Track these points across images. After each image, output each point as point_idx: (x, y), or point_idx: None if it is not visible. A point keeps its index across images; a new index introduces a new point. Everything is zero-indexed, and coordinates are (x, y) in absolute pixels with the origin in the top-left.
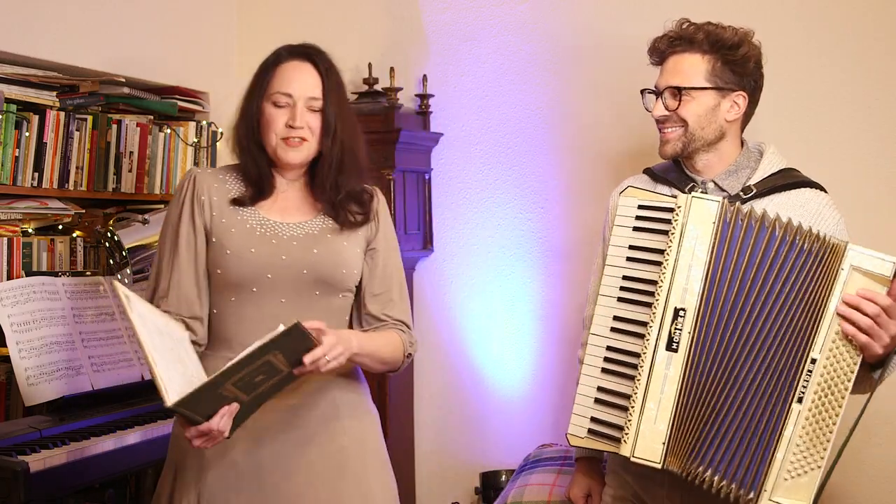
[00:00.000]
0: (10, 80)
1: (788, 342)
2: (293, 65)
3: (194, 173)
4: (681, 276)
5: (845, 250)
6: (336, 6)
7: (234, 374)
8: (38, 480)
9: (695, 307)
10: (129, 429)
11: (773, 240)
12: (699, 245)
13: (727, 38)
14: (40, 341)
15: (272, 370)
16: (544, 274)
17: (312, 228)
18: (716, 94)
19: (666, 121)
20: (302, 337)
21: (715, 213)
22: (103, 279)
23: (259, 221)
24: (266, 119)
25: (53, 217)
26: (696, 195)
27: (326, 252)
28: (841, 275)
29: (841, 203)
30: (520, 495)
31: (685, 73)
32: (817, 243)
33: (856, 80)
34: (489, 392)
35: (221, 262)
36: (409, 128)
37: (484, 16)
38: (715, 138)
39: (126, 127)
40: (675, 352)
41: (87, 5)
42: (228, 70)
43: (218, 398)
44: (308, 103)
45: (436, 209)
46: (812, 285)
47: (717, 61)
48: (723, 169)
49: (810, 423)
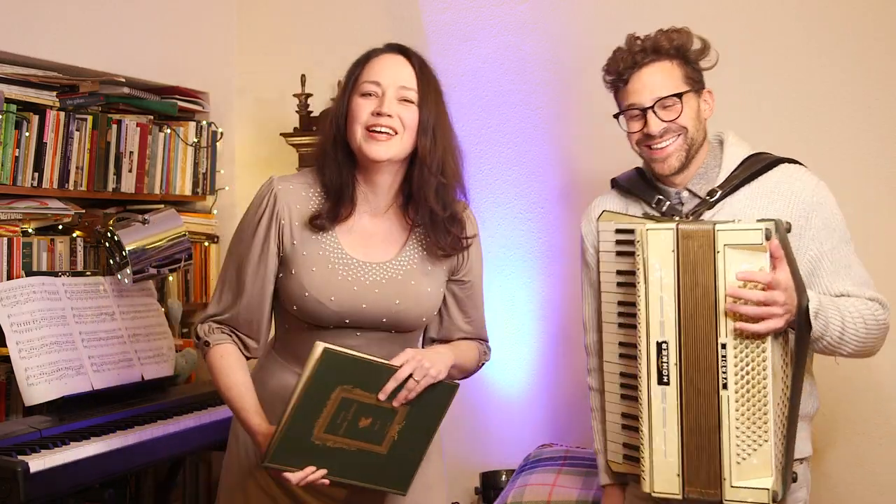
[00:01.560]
0: (10, 80)
1: (707, 337)
2: (384, 56)
3: (276, 187)
4: (655, 309)
5: (714, 232)
6: (336, 6)
7: (310, 420)
8: (38, 480)
9: (675, 338)
10: (129, 429)
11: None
12: (665, 276)
13: (685, 41)
14: (40, 341)
15: (366, 408)
16: (544, 274)
17: (396, 272)
18: (695, 95)
19: (665, 133)
20: (350, 361)
21: (672, 241)
22: (103, 279)
23: (340, 259)
24: (352, 112)
25: (53, 217)
26: (651, 227)
27: (408, 303)
28: (718, 258)
29: (841, 203)
30: (520, 495)
31: (668, 81)
32: (703, 236)
33: (856, 80)
34: (489, 392)
35: (298, 302)
36: None
37: (484, 16)
38: (702, 140)
39: (126, 127)
40: (667, 385)
41: (87, 5)
42: (228, 70)
43: (313, 449)
44: (399, 93)
45: None
46: (705, 276)
47: (685, 64)
48: (694, 173)
49: (742, 405)
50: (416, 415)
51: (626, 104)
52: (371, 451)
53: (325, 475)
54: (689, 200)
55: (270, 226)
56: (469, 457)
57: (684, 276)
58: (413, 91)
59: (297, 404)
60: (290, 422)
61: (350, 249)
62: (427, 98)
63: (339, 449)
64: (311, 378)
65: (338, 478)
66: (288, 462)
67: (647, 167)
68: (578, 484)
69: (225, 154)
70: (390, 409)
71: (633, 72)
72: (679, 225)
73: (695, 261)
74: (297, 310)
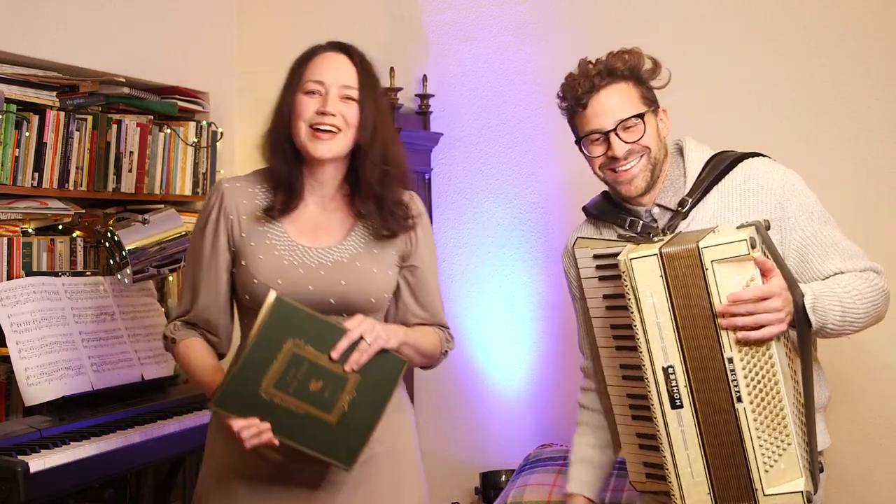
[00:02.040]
0: (10, 80)
1: (712, 353)
2: (327, 55)
3: (223, 188)
4: (654, 335)
5: (700, 251)
6: (336, 6)
7: (259, 370)
8: (38, 480)
9: (679, 361)
10: (129, 429)
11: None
12: (657, 301)
13: (637, 62)
14: (40, 341)
15: (317, 369)
16: (544, 274)
17: (341, 255)
18: (653, 115)
19: (629, 154)
20: (301, 315)
21: (657, 266)
22: (103, 279)
23: (287, 247)
24: (296, 109)
25: (53, 217)
26: (633, 255)
27: (355, 283)
28: (708, 275)
29: (841, 203)
30: (520, 495)
31: (627, 103)
32: (689, 256)
33: (856, 80)
34: (489, 392)
35: (249, 290)
36: (409, 128)
37: (484, 16)
38: (664, 157)
39: (126, 127)
40: (680, 408)
41: (87, 5)
42: (228, 70)
43: (261, 403)
44: (342, 91)
45: (436, 209)
46: (698, 295)
47: (639, 84)
48: (660, 188)
49: (760, 413)
50: (366, 388)
51: (588, 129)
52: (320, 419)
53: (271, 432)
54: (662, 216)
55: (219, 222)
56: (469, 457)
57: (677, 298)
58: (355, 89)
59: (248, 352)
60: (239, 368)
61: (296, 237)
62: (368, 95)
63: (287, 409)
64: (261, 325)
65: (284, 437)
66: (235, 411)
67: (613, 191)
68: None
69: (225, 154)
70: (341, 376)
71: (591, 95)
72: (662, 248)
73: (685, 282)
74: (248, 299)
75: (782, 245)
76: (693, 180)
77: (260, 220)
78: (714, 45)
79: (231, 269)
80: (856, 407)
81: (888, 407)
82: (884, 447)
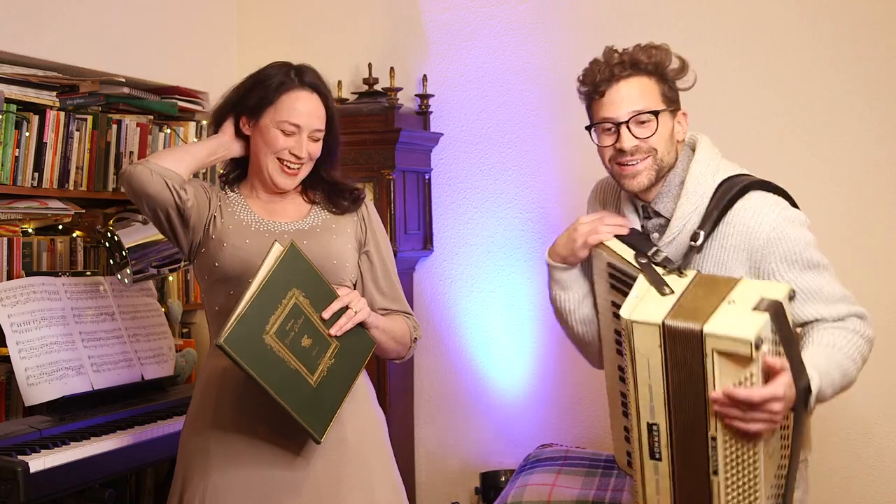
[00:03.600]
0: (10, 80)
1: (696, 427)
2: (302, 95)
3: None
4: (644, 395)
5: (703, 337)
6: (336, 6)
7: (265, 313)
8: (38, 480)
9: (665, 421)
10: (129, 429)
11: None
12: (653, 364)
13: (663, 58)
14: (40, 341)
15: (310, 326)
16: (544, 274)
17: (302, 226)
18: (671, 115)
19: (635, 152)
20: (306, 267)
21: (658, 338)
22: (103, 279)
23: (252, 218)
24: (268, 140)
25: (53, 217)
26: (636, 318)
27: (317, 244)
28: (707, 362)
29: (841, 203)
30: (520, 495)
31: (645, 97)
32: (691, 338)
33: (856, 80)
34: (489, 392)
35: (219, 256)
36: (409, 128)
37: (484, 16)
38: (674, 162)
39: (126, 127)
40: (658, 460)
41: (87, 5)
42: (228, 70)
43: (262, 350)
44: (313, 134)
45: (436, 209)
46: (694, 375)
47: (662, 82)
48: (659, 188)
49: (733, 488)
50: (343, 358)
51: (601, 117)
52: (304, 378)
53: (264, 384)
54: (655, 220)
55: (205, 187)
56: (469, 457)
57: (673, 372)
58: (322, 131)
59: (259, 290)
60: (248, 305)
61: (260, 213)
62: (332, 130)
63: (281, 361)
64: (274, 267)
65: (274, 392)
66: (239, 352)
67: (618, 183)
68: (578, 484)
69: None
70: (326, 339)
71: (609, 84)
72: (665, 319)
73: (683, 359)
74: (218, 266)
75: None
76: (695, 199)
77: (227, 198)
78: (716, 45)
79: (200, 249)
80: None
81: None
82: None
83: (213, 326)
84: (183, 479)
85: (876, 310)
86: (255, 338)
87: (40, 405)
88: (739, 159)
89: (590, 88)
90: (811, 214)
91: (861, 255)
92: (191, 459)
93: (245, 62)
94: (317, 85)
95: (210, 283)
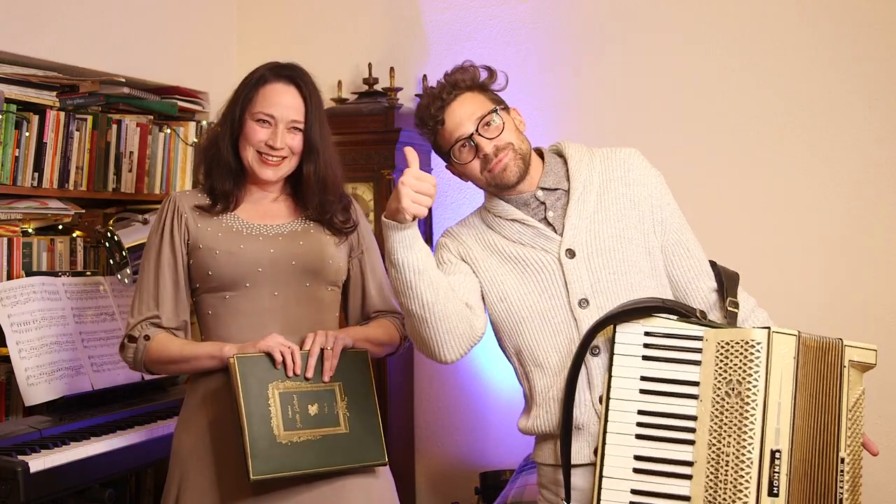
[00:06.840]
0: (10, 80)
1: (827, 450)
2: (278, 87)
3: (174, 195)
4: (772, 415)
5: (842, 348)
6: (336, 6)
7: (265, 423)
8: (38, 480)
9: (787, 448)
10: (129, 429)
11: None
12: (784, 383)
13: (474, 73)
14: (40, 341)
15: (305, 396)
16: None
17: (296, 227)
18: (506, 112)
19: (497, 151)
20: (259, 358)
21: (794, 348)
22: (103, 279)
23: (242, 225)
24: (246, 133)
25: (53, 217)
26: (776, 329)
27: (312, 244)
28: (844, 373)
29: (841, 203)
30: (520, 495)
31: (477, 106)
32: (831, 350)
33: (856, 80)
34: (489, 392)
35: (212, 264)
36: (409, 128)
37: (484, 16)
38: (529, 150)
39: (126, 127)
40: (776, 496)
41: (87, 5)
42: (228, 70)
43: (286, 449)
44: (290, 125)
45: (436, 209)
46: (828, 388)
47: (483, 91)
48: (538, 175)
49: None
50: (351, 389)
51: (453, 140)
52: (336, 434)
53: (311, 470)
54: (547, 196)
55: (174, 222)
56: (469, 457)
57: (804, 386)
58: (301, 122)
59: (246, 413)
60: (248, 430)
61: (250, 219)
62: (313, 121)
63: (307, 441)
64: (241, 387)
65: (323, 468)
66: (272, 470)
67: (495, 188)
68: None
69: None
70: (326, 389)
71: (444, 110)
72: (801, 334)
73: (817, 371)
74: (211, 274)
75: (651, 237)
76: (585, 157)
77: (210, 213)
78: (716, 45)
79: (189, 261)
80: None
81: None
82: None
83: (205, 331)
84: (179, 479)
85: (876, 309)
86: (273, 448)
87: (40, 405)
88: (739, 159)
89: (430, 124)
90: (811, 214)
91: (861, 255)
92: (187, 460)
93: (245, 62)
94: (294, 77)
95: (203, 290)
